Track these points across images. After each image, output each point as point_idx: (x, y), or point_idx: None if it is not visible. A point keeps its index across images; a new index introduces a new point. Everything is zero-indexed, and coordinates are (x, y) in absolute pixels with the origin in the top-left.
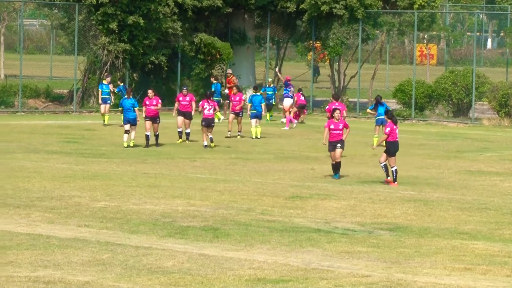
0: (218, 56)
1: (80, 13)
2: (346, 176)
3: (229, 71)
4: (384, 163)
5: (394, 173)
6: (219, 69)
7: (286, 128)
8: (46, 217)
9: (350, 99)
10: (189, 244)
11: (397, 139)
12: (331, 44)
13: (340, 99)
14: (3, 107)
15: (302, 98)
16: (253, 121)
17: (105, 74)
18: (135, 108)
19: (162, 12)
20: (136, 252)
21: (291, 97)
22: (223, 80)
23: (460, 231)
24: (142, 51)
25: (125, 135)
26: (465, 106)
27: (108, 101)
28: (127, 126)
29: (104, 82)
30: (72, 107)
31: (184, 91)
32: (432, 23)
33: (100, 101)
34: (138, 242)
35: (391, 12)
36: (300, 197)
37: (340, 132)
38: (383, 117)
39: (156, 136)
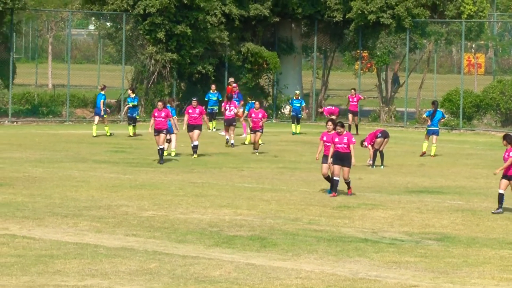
0: (265, 65)
1: (128, 22)
2: (393, 186)
3: (231, 79)
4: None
5: (348, 184)
6: (266, 78)
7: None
8: (94, 226)
9: (397, 109)
10: (236, 253)
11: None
12: (378, 53)
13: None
14: (51, 116)
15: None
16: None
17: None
18: (173, 118)
19: (209, 21)
20: (184, 261)
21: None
22: (270, 90)
23: (508, 241)
24: (189, 60)
25: (166, 144)
26: None
27: (101, 113)
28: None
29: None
30: (119, 116)
31: (194, 103)
32: (480, 33)
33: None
34: (186, 251)
35: (438, 21)
36: (348, 206)
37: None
38: (436, 128)
39: (161, 150)
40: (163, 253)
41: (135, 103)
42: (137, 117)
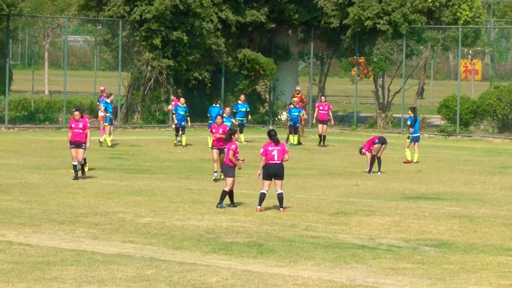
0: (262, 71)
1: (124, 29)
2: (390, 192)
3: (298, 88)
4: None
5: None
6: (262, 85)
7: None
8: (91, 233)
9: (394, 115)
10: (233, 260)
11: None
12: (375, 59)
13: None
14: (47, 123)
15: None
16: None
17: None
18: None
19: (205, 28)
20: (180, 268)
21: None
22: (267, 96)
23: (505, 247)
24: (185, 67)
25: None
26: (510, 122)
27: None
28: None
29: (106, 100)
30: (116, 123)
31: (76, 115)
32: (477, 39)
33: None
34: (182, 258)
35: (435, 27)
36: (345, 213)
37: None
38: (419, 134)
39: (82, 166)
40: (160, 259)
41: (186, 113)
42: (185, 125)
